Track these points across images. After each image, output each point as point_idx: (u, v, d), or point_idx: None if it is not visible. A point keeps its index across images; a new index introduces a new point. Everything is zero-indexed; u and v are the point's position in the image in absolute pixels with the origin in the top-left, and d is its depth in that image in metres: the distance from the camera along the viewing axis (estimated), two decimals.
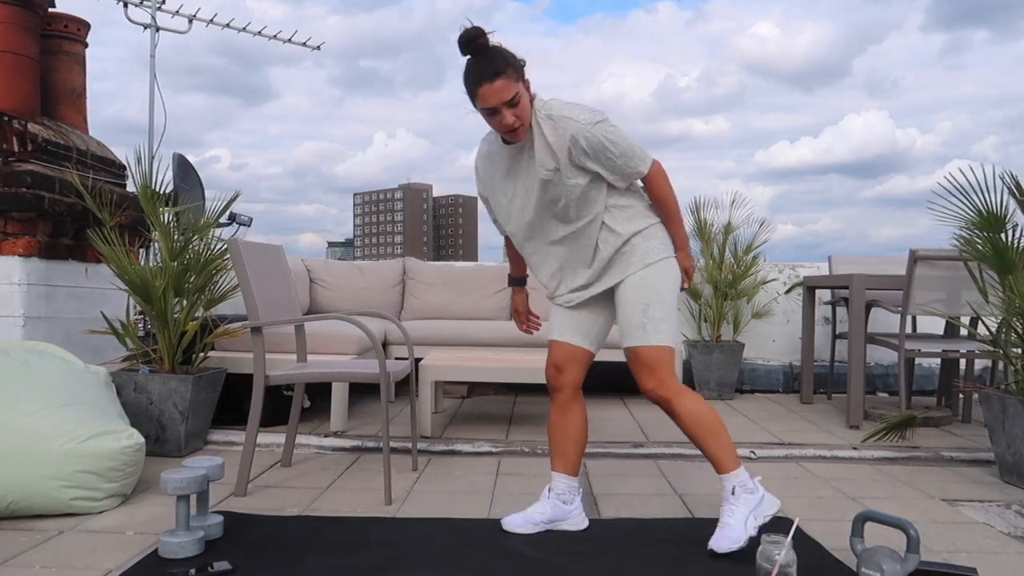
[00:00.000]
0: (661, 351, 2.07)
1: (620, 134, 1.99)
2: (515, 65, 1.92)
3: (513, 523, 2.21)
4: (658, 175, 2.08)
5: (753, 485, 2.06)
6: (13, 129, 3.38)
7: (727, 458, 2.06)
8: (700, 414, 2.07)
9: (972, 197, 3.12)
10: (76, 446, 2.28)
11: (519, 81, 1.92)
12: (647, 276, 2.08)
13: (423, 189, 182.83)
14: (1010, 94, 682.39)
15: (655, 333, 2.06)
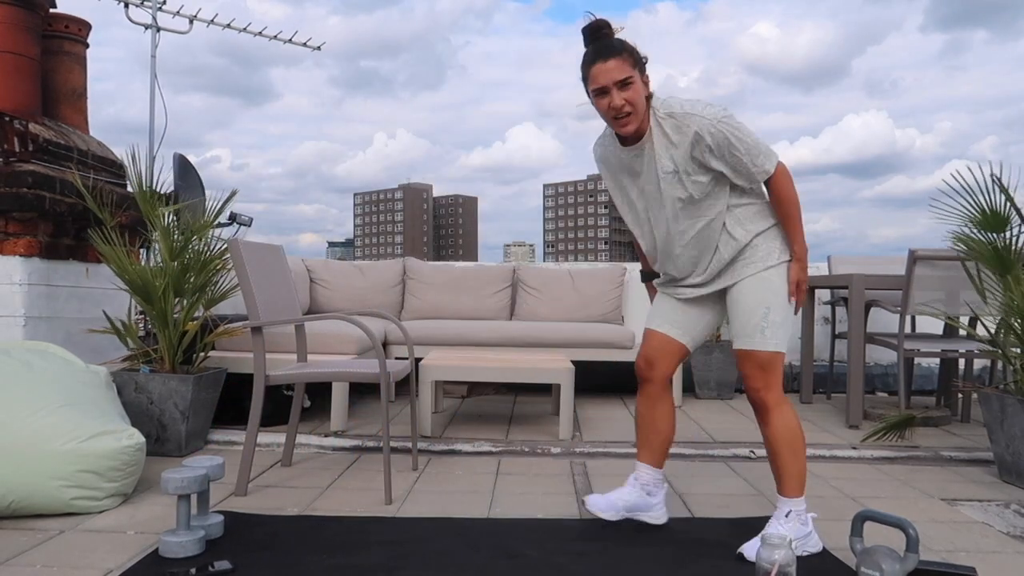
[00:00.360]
0: (775, 356, 2.04)
1: (746, 131, 1.95)
2: (633, 53, 1.94)
3: (596, 504, 2.23)
4: (783, 176, 2.01)
5: (807, 519, 2.02)
6: (14, 129, 3.38)
7: (795, 484, 2.03)
8: (792, 431, 2.04)
9: (976, 196, 3.12)
10: (77, 446, 2.29)
11: (635, 68, 1.93)
12: (768, 278, 2.05)
13: (423, 189, 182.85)
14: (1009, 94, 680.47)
15: (772, 337, 2.03)
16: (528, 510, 2.44)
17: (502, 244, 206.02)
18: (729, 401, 4.64)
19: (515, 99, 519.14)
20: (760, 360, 2.04)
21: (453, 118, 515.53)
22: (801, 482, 2.03)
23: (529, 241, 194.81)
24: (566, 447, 3.28)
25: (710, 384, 4.72)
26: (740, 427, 3.79)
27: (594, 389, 4.95)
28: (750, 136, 1.95)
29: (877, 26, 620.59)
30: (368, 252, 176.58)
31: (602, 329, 4.47)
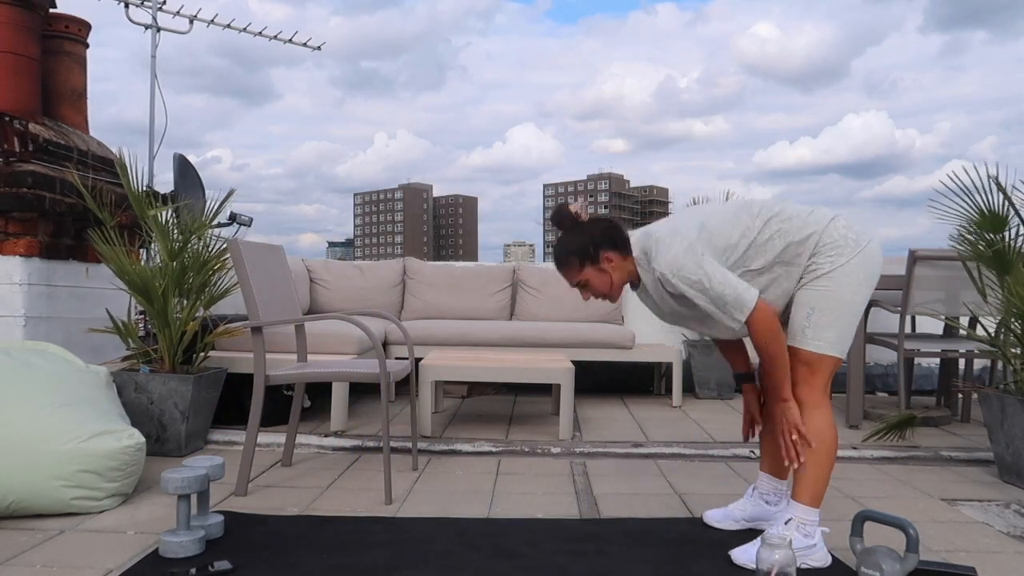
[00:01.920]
0: (816, 357, 1.99)
1: (708, 282, 1.92)
2: (581, 252, 2.06)
3: (713, 517, 2.24)
4: (758, 324, 1.93)
5: (812, 532, 1.96)
6: (14, 129, 3.38)
7: (811, 491, 1.97)
8: (819, 435, 1.98)
9: (975, 196, 3.12)
10: (77, 446, 2.29)
11: (584, 267, 2.07)
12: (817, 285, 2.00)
13: (423, 189, 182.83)
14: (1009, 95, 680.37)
15: (814, 338, 1.99)
16: (528, 510, 2.44)
17: (502, 244, 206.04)
18: (729, 401, 4.64)
19: (515, 99, 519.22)
20: (801, 358, 2.02)
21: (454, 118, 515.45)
22: (815, 492, 1.97)
23: (529, 241, 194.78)
24: (566, 447, 3.28)
25: (710, 384, 4.72)
26: (740, 427, 3.78)
27: (594, 389, 4.95)
28: (715, 286, 1.92)
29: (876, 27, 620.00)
30: (368, 252, 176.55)
31: (602, 329, 4.47)
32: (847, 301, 1.99)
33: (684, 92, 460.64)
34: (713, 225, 2.01)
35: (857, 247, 2.00)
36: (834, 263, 1.99)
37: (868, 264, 2.00)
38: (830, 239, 2.00)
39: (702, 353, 4.70)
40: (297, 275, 4.66)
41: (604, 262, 2.07)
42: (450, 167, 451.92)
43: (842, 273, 1.99)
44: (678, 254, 1.95)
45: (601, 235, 2.07)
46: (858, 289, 1.99)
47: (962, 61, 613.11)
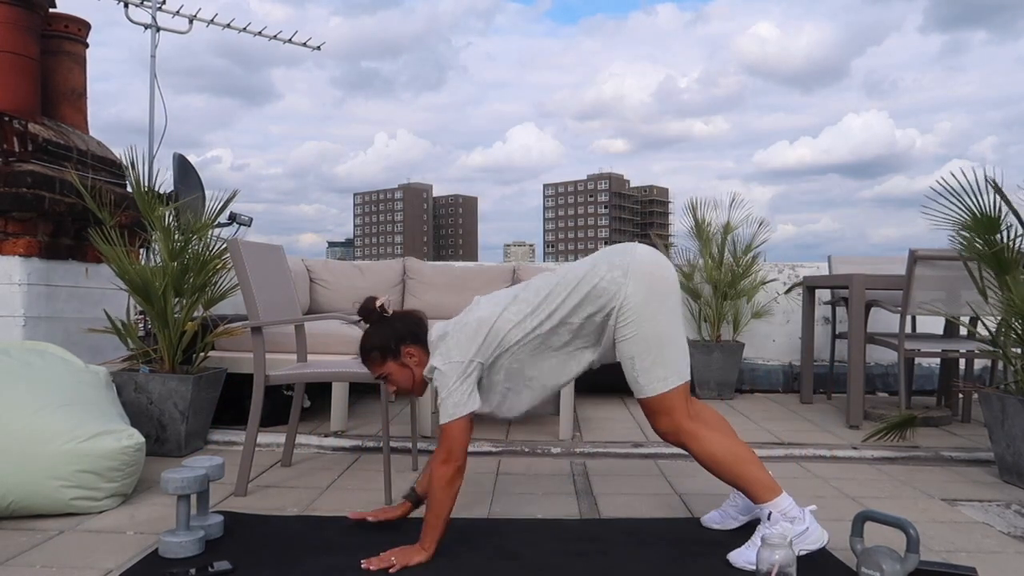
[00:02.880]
0: (656, 399, 2.02)
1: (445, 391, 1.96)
2: (382, 347, 2.08)
3: (712, 520, 2.25)
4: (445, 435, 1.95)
5: (798, 514, 1.96)
6: (14, 129, 3.38)
7: (757, 490, 1.99)
8: (716, 457, 2.01)
9: (965, 199, 3.12)
10: (76, 446, 2.29)
11: (386, 361, 2.08)
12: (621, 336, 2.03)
13: (423, 189, 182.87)
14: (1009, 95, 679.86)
15: (648, 385, 2.02)
16: (528, 510, 2.43)
17: (502, 244, 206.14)
18: (730, 401, 4.64)
19: (516, 99, 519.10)
20: (651, 407, 2.04)
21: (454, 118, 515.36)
22: (764, 486, 1.98)
23: (529, 241, 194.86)
24: (566, 447, 3.28)
25: (710, 384, 4.71)
26: (740, 427, 3.78)
27: (594, 389, 4.95)
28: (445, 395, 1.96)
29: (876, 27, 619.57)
30: (368, 252, 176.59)
31: None
32: (654, 331, 2.00)
33: (684, 92, 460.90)
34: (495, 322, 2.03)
35: (624, 276, 2.01)
36: (616, 308, 2.01)
37: (644, 284, 2.01)
38: (599, 292, 2.02)
39: (702, 353, 4.70)
40: (297, 275, 4.66)
41: (406, 357, 2.07)
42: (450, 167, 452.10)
43: (629, 311, 2.00)
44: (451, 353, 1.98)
45: (404, 329, 2.09)
46: (655, 314, 2.00)
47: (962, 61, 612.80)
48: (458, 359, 1.97)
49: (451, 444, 1.95)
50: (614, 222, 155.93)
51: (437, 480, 1.95)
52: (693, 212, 4.97)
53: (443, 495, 1.95)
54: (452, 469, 1.94)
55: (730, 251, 4.88)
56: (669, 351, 2.02)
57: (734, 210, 4.91)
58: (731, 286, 4.78)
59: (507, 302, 2.07)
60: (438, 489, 1.95)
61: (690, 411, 2.05)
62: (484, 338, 2.00)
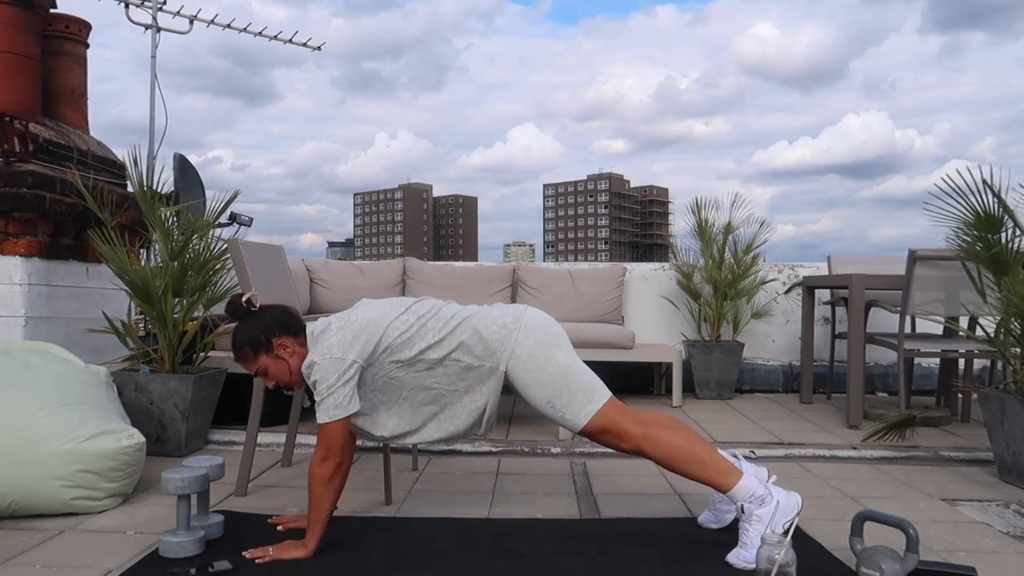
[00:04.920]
0: (593, 421, 2.03)
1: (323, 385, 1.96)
2: (255, 343, 2.05)
3: (707, 520, 2.26)
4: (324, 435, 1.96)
5: (764, 492, 1.96)
6: (14, 129, 3.38)
7: (718, 478, 2.00)
8: (669, 455, 2.02)
9: (969, 198, 3.12)
10: (77, 446, 2.29)
11: (259, 356, 2.06)
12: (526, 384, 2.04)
13: (423, 189, 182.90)
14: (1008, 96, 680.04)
15: (574, 417, 2.03)
16: (528, 510, 2.44)
17: (502, 244, 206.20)
18: (729, 401, 4.64)
19: (516, 100, 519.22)
20: (590, 433, 2.05)
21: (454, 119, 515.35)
22: (721, 473, 2.00)
23: (529, 241, 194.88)
24: (566, 447, 3.28)
25: (710, 384, 4.72)
26: (740, 427, 3.79)
27: None
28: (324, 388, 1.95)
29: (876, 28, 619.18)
30: (368, 252, 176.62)
31: (602, 329, 4.46)
32: (556, 368, 2.03)
33: (684, 93, 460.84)
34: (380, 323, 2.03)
35: (516, 323, 2.05)
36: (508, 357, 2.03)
37: (535, 332, 2.05)
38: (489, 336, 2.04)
39: (702, 353, 4.70)
40: (297, 275, 4.66)
41: (279, 349, 2.06)
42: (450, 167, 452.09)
43: (525, 359, 2.03)
44: (331, 350, 1.97)
45: (273, 321, 2.07)
46: (551, 354, 2.04)
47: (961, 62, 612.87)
48: (338, 355, 1.96)
49: (329, 442, 1.96)
50: (614, 222, 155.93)
51: (317, 478, 1.96)
52: (697, 212, 4.97)
53: (323, 492, 1.96)
54: (332, 466, 1.96)
55: (730, 251, 4.89)
56: (579, 379, 2.05)
57: (735, 210, 4.92)
58: (731, 286, 4.78)
59: (399, 311, 2.07)
60: (319, 486, 1.96)
61: (635, 418, 2.06)
62: (367, 339, 2.00)
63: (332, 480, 1.96)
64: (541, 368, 2.03)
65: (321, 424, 1.96)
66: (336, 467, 1.96)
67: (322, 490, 1.96)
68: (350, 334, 1.99)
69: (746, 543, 1.94)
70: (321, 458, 1.96)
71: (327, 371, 1.95)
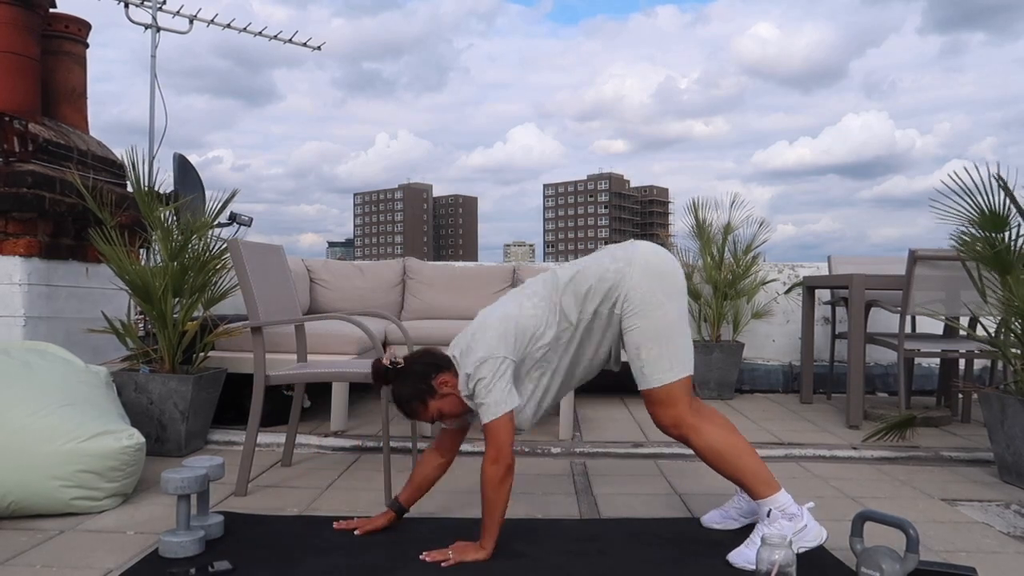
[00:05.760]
0: (660, 390, 2.00)
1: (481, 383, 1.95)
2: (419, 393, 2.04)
3: (712, 519, 2.26)
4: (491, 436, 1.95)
5: (796, 511, 1.96)
6: (14, 129, 3.38)
7: (756, 485, 1.98)
8: (716, 450, 2.00)
9: (975, 197, 3.12)
10: (77, 446, 2.29)
11: (428, 403, 2.05)
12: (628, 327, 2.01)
13: (423, 189, 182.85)
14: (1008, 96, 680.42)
15: (652, 375, 2.00)
16: (528, 510, 2.44)
17: (502, 244, 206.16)
18: (730, 401, 4.64)
19: (516, 100, 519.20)
20: (653, 398, 2.03)
21: (455, 119, 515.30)
22: (760, 481, 1.98)
23: (529, 241, 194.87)
24: (566, 447, 3.28)
25: (710, 384, 4.72)
26: (740, 427, 3.75)
27: (594, 389, 4.94)
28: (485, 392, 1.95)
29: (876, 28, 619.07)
30: (368, 252, 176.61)
31: None
32: (659, 322, 1.99)
33: (684, 93, 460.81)
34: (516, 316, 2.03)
35: (628, 266, 2.01)
36: (621, 298, 2.01)
37: (648, 275, 2.00)
38: (604, 283, 2.02)
39: (702, 353, 4.70)
40: (297, 275, 4.66)
41: (441, 387, 2.05)
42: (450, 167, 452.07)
43: (635, 302, 2.00)
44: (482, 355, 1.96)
45: (424, 367, 2.06)
46: (660, 304, 1.99)
47: (961, 62, 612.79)
48: (485, 355, 1.95)
49: (499, 441, 1.94)
50: (614, 222, 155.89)
51: (489, 481, 1.94)
52: (695, 212, 4.97)
53: (496, 495, 1.95)
54: (503, 469, 1.94)
55: (730, 251, 4.89)
56: (675, 342, 2.01)
57: (735, 210, 4.92)
58: (731, 286, 4.78)
59: (521, 299, 2.07)
60: (491, 490, 1.94)
61: (694, 406, 2.05)
62: (511, 335, 1.99)
63: (504, 482, 1.94)
64: (649, 315, 1.99)
65: (487, 425, 1.95)
66: (508, 469, 1.94)
67: (494, 494, 1.95)
68: (492, 337, 1.98)
69: (756, 542, 1.92)
70: (492, 460, 1.94)
71: (482, 375, 1.94)
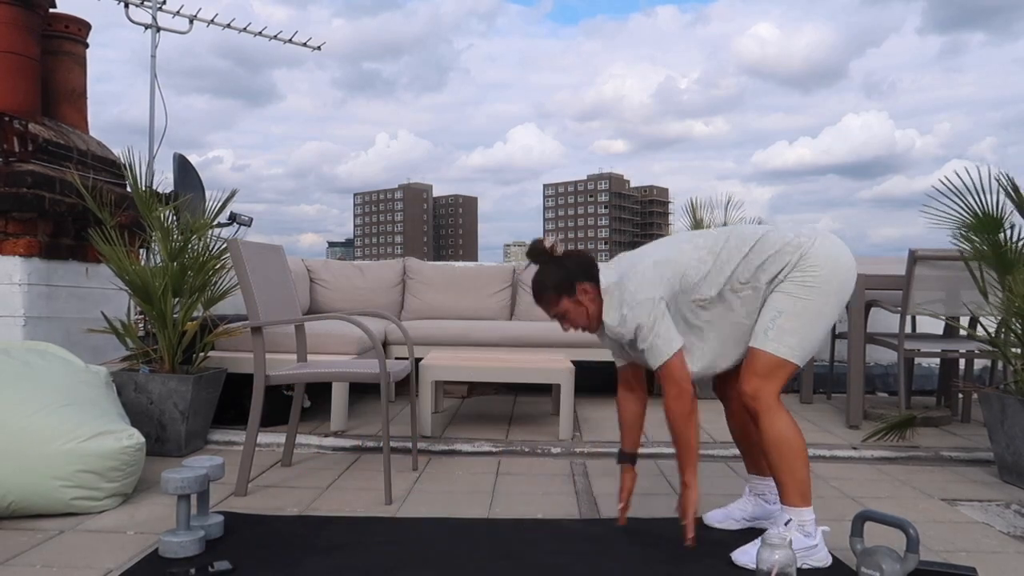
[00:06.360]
0: (772, 360, 1.97)
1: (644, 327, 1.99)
2: (559, 286, 2.10)
3: (714, 518, 2.26)
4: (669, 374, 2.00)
5: (812, 531, 1.94)
6: (14, 129, 3.38)
7: (795, 493, 1.95)
8: (782, 439, 1.97)
9: (968, 198, 3.12)
10: (77, 446, 2.29)
11: (562, 299, 2.10)
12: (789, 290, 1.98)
13: (423, 189, 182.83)
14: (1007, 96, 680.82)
15: (774, 340, 1.97)
16: (528, 510, 2.44)
17: (502, 244, 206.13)
18: None
19: (516, 100, 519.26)
20: (759, 360, 1.98)
21: (455, 119, 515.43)
22: (800, 492, 1.95)
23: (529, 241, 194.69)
24: (566, 447, 3.28)
25: (710, 384, 4.71)
26: None
27: (594, 389, 4.95)
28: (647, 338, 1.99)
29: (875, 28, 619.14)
30: (368, 252, 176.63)
31: None
32: (815, 311, 1.97)
33: (684, 93, 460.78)
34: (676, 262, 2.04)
35: (812, 243, 1.99)
36: (793, 264, 1.99)
37: (831, 261, 1.98)
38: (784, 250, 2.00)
39: None
40: (297, 275, 4.66)
41: (581, 294, 2.09)
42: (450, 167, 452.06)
43: (808, 272, 1.98)
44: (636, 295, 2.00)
45: (577, 267, 2.10)
46: (827, 300, 1.98)
47: (961, 62, 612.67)
48: (644, 297, 1.98)
49: (676, 376, 1.99)
50: (614, 222, 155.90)
51: (678, 416, 1.99)
52: (692, 213, 4.97)
53: (686, 428, 2.00)
54: (687, 403, 2.00)
55: None
56: (813, 333, 1.99)
57: (731, 210, 4.93)
58: None
59: (681, 245, 2.08)
60: (680, 425, 2.00)
61: (780, 396, 2.03)
62: (667, 278, 2.01)
63: (692, 415, 2.00)
64: (809, 294, 1.96)
65: (660, 367, 2.00)
66: (692, 401, 2.00)
67: (684, 428, 2.00)
68: (647, 279, 2.01)
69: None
70: (675, 396, 1.99)
71: (640, 315, 1.98)
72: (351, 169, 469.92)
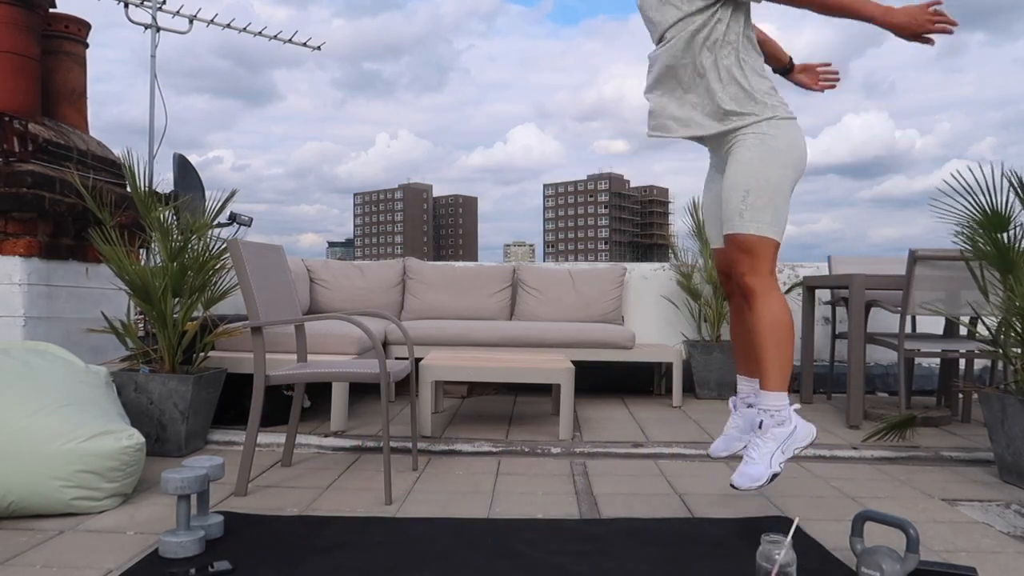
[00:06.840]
0: (757, 240, 2.00)
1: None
2: None
3: (717, 449, 2.29)
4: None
5: (787, 416, 1.98)
6: (14, 129, 3.38)
7: (776, 375, 1.99)
8: (776, 320, 1.99)
9: (978, 196, 3.12)
10: (77, 446, 2.29)
11: None
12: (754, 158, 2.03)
13: (423, 189, 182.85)
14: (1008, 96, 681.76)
15: (752, 220, 1.99)
16: (528, 510, 2.43)
17: (502, 244, 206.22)
18: None
19: (517, 100, 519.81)
20: (740, 243, 2.02)
21: (455, 119, 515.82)
22: (783, 375, 1.99)
23: (529, 241, 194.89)
24: (566, 447, 3.28)
25: (710, 384, 4.71)
26: None
27: (594, 389, 4.95)
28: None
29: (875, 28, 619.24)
30: (368, 252, 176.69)
31: (602, 329, 4.46)
32: (776, 183, 2.02)
33: None
34: None
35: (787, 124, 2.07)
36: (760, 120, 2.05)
37: (794, 147, 2.05)
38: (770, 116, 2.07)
39: (702, 353, 4.70)
40: (297, 275, 4.66)
41: None
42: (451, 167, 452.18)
43: (771, 150, 2.03)
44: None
45: None
46: (785, 172, 2.04)
47: (961, 62, 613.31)
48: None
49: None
50: (614, 222, 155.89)
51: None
52: (695, 213, 4.97)
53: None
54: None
55: None
56: (782, 207, 2.03)
57: None
58: None
59: None
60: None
61: (775, 276, 2.05)
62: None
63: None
64: (770, 163, 2.01)
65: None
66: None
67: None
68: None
69: (754, 459, 1.95)
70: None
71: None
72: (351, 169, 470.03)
